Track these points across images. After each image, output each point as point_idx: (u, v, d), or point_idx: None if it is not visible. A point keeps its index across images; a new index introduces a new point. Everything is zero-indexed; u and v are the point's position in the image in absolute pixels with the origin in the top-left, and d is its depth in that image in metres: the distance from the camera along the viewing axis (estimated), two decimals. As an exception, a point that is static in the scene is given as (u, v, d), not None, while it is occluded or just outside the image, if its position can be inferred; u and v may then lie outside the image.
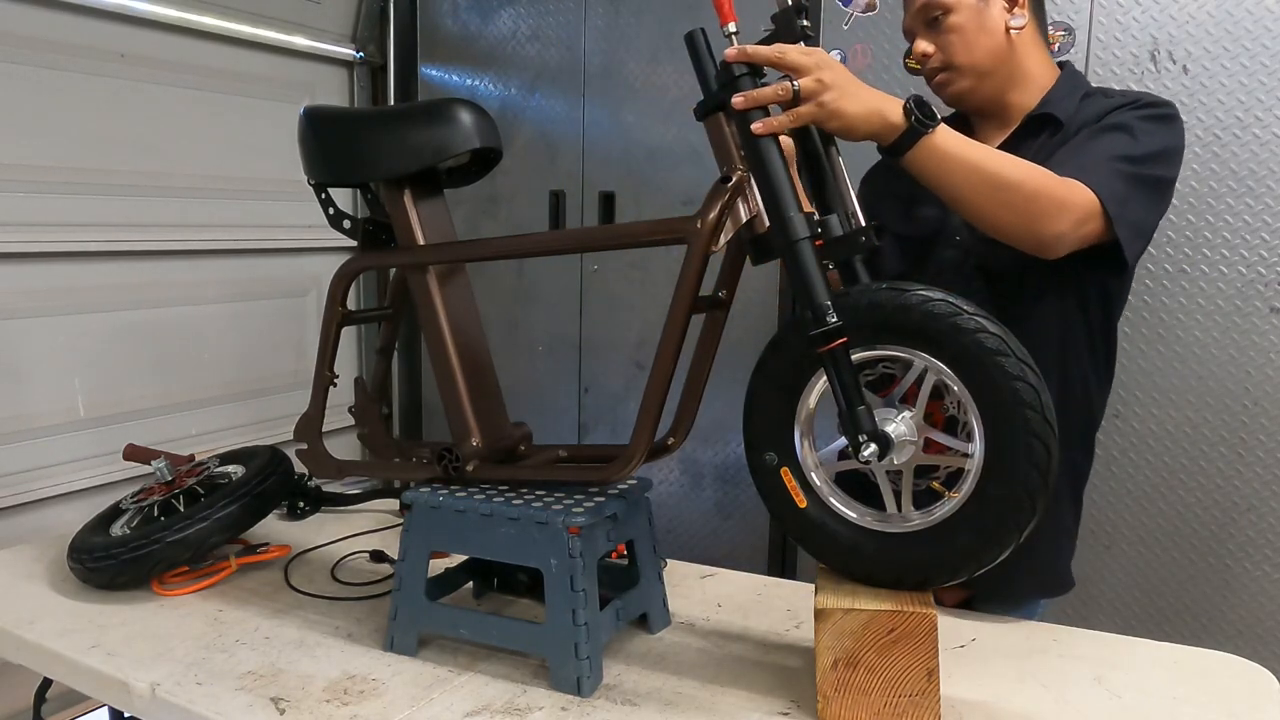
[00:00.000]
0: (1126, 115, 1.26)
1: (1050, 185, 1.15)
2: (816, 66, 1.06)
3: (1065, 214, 1.15)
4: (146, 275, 2.15)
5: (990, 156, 1.14)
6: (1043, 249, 1.17)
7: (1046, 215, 1.14)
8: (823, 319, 0.99)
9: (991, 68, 1.32)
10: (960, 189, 1.14)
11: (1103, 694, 1.10)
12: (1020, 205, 1.13)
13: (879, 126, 1.09)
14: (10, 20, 1.85)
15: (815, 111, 1.06)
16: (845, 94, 1.07)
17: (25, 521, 1.93)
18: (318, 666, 1.20)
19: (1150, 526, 1.97)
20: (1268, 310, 1.84)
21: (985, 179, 1.13)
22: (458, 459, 1.27)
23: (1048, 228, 1.15)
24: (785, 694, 1.11)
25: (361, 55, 2.70)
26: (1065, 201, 1.15)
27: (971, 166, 1.13)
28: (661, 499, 2.45)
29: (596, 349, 2.54)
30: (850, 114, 1.07)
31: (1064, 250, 1.18)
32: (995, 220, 1.16)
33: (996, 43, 1.32)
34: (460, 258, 1.33)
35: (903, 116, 1.09)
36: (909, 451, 1.02)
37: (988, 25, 1.31)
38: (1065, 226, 1.15)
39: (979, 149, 1.15)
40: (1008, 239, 1.17)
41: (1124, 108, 1.28)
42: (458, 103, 1.27)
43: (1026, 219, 1.14)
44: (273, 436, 2.26)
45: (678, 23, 2.27)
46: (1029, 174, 1.15)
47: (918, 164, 1.12)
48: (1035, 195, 1.14)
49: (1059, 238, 1.16)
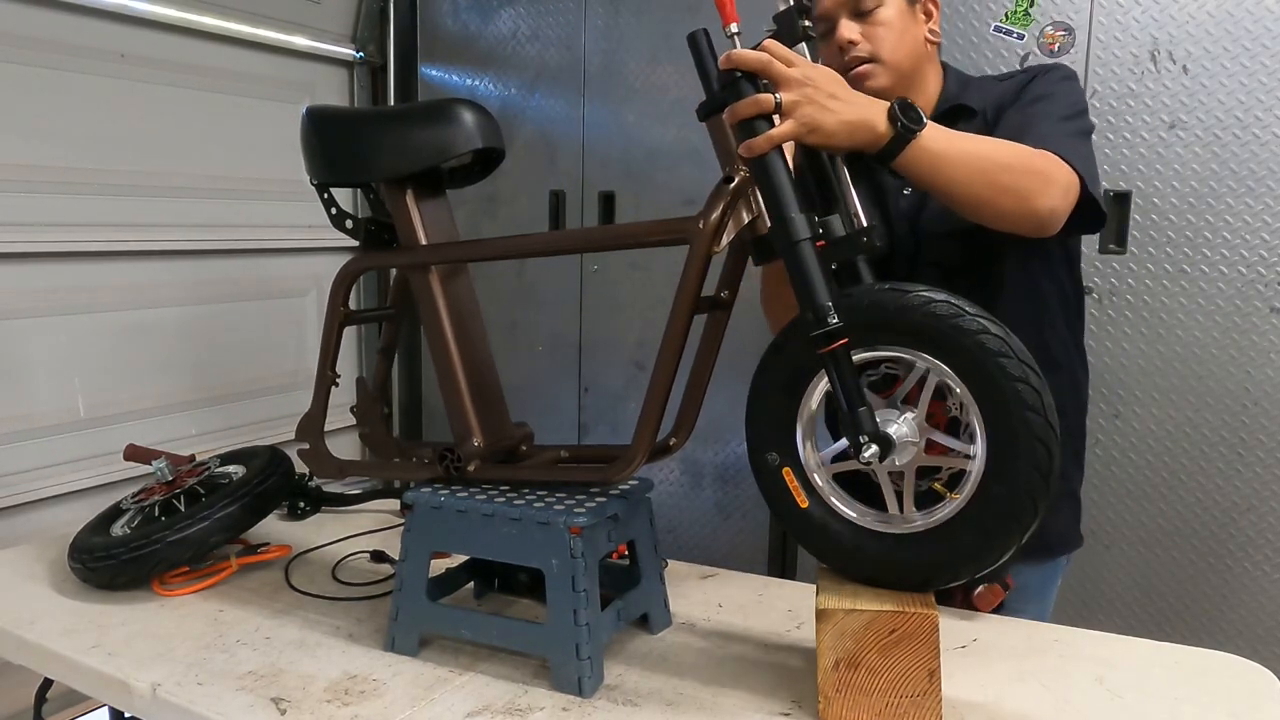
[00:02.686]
0: (1040, 85, 1.30)
1: (1035, 161, 1.15)
2: (798, 81, 1.04)
3: (1054, 186, 1.15)
4: (146, 275, 2.15)
5: (979, 144, 1.14)
6: (1041, 227, 1.17)
7: (1038, 192, 1.14)
8: (824, 320, 0.99)
9: (909, 69, 1.33)
10: (955, 183, 1.13)
11: (1103, 694, 1.10)
12: (1015, 186, 1.13)
13: (865, 138, 1.08)
14: (10, 20, 1.85)
15: (794, 129, 1.04)
16: (824, 109, 1.04)
17: (25, 521, 1.93)
18: (318, 667, 1.20)
19: (1150, 526, 1.97)
20: (1268, 310, 1.84)
21: (979, 168, 1.12)
22: (459, 459, 1.27)
23: (1043, 203, 1.15)
24: (786, 694, 1.11)
25: (361, 55, 2.70)
26: (1051, 175, 1.15)
27: (964, 158, 1.12)
28: (662, 499, 2.45)
29: (596, 349, 2.54)
30: (829, 129, 1.05)
31: (1059, 224, 1.18)
32: (994, 206, 1.15)
33: (917, 46, 1.33)
34: (461, 258, 1.33)
35: (888, 124, 1.08)
36: (910, 453, 1.02)
37: (911, 28, 1.32)
38: (1057, 199, 1.16)
39: (966, 139, 1.14)
40: (1007, 224, 1.17)
41: (1032, 80, 1.32)
42: (460, 103, 1.27)
43: (1022, 199, 1.14)
44: (273, 436, 2.25)
45: (678, 23, 2.27)
46: (1015, 153, 1.15)
47: (909, 166, 1.11)
48: (1026, 174, 1.14)
49: (1053, 212, 1.16)
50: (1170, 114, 1.87)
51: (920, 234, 1.34)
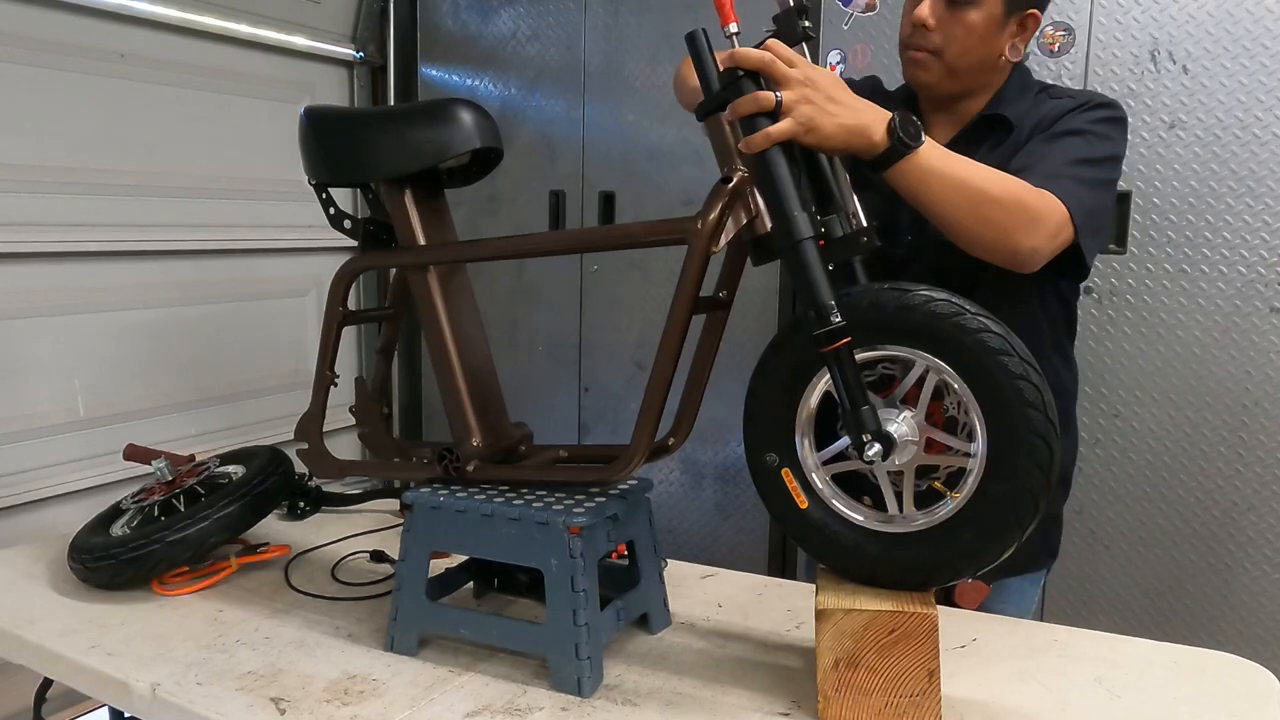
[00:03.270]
0: (1079, 119, 1.26)
1: (1027, 198, 1.13)
2: (799, 81, 1.04)
3: (1040, 227, 1.14)
4: (146, 275, 2.15)
5: (973, 171, 1.13)
6: (1018, 264, 1.16)
7: (1022, 229, 1.13)
8: (827, 319, 0.99)
9: (971, 77, 1.32)
10: (940, 204, 1.12)
11: (1103, 694, 1.10)
12: (999, 220, 1.12)
13: (861, 145, 1.08)
14: (10, 20, 1.85)
15: (792, 128, 1.03)
16: (822, 110, 1.04)
17: (25, 521, 1.93)
18: (318, 667, 1.20)
19: (1150, 526, 1.97)
20: (1268, 310, 1.84)
21: (967, 195, 1.11)
22: (458, 459, 1.27)
23: (1024, 241, 1.13)
24: (786, 694, 1.11)
25: (361, 55, 2.70)
26: (1040, 215, 1.14)
27: (954, 183, 1.11)
28: (661, 499, 2.45)
29: (596, 349, 2.55)
30: (825, 130, 1.05)
31: (1039, 263, 1.17)
32: (971, 235, 1.14)
33: (989, 58, 1.30)
34: (460, 258, 1.33)
35: (885, 136, 1.07)
36: (911, 452, 1.02)
37: (991, 38, 1.29)
38: (1041, 240, 1.14)
39: (961, 163, 1.13)
40: (984, 254, 1.16)
41: (1075, 110, 1.28)
42: (458, 103, 1.27)
43: (1003, 234, 1.13)
44: (273, 436, 2.25)
45: (678, 23, 2.28)
46: (1007, 188, 1.13)
47: (898, 179, 1.11)
48: (1014, 210, 1.12)
49: (1034, 251, 1.15)
50: (1170, 114, 1.87)
51: (919, 235, 1.33)
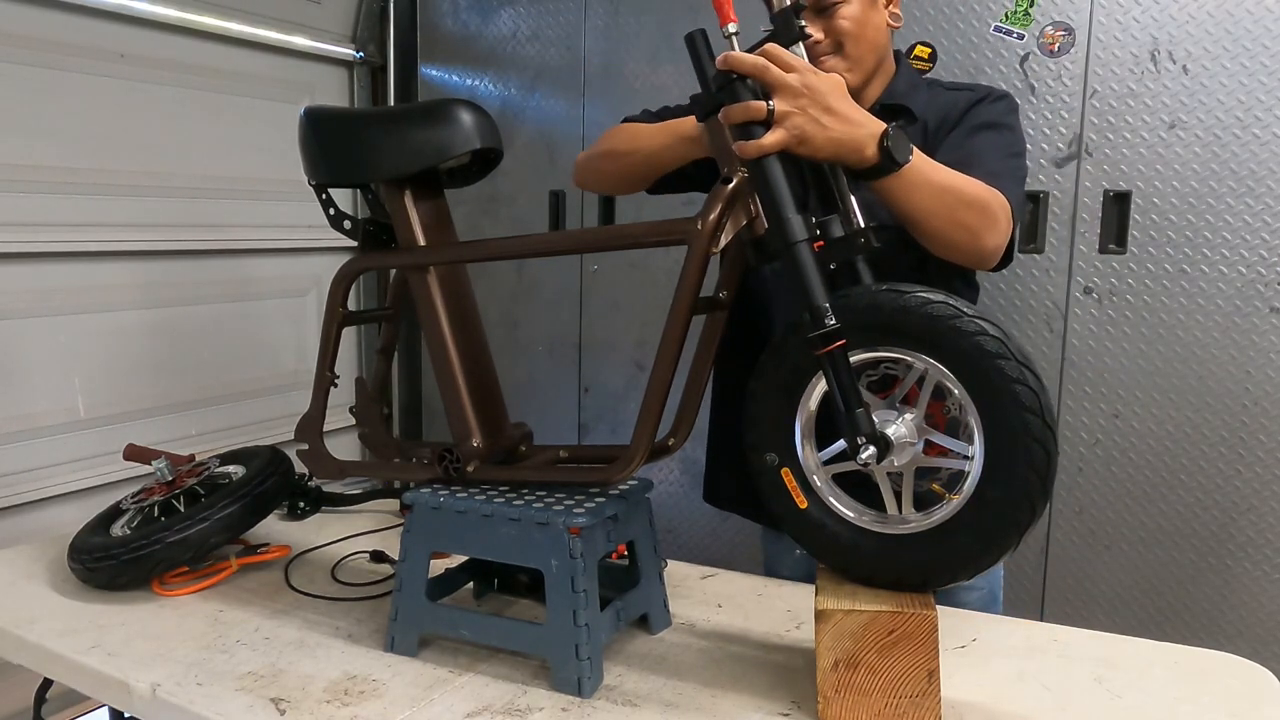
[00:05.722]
0: (988, 112, 1.30)
1: (988, 198, 1.15)
2: (794, 91, 1.03)
3: (1000, 226, 1.16)
4: (146, 275, 2.15)
5: (952, 179, 1.13)
6: (981, 262, 1.19)
7: (988, 230, 1.15)
8: (821, 321, 0.99)
9: (873, 63, 1.33)
10: (921, 213, 1.13)
11: (1103, 694, 1.10)
12: (970, 223, 1.14)
13: (851, 159, 1.07)
14: (10, 20, 1.85)
15: (784, 139, 1.03)
16: (815, 122, 1.03)
17: (25, 521, 1.93)
18: (318, 667, 1.20)
19: (1150, 526, 1.97)
20: (1268, 310, 1.84)
21: (946, 203, 1.12)
22: (458, 459, 1.27)
23: (990, 241, 1.16)
24: (786, 695, 1.11)
25: (361, 55, 2.70)
26: (998, 214, 1.16)
27: (936, 191, 1.12)
28: (661, 499, 2.45)
29: (596, 349, 2.55)
30: (816, 143, 1.04)
31: (997, 259, 1.20)
32: (946, 238, 1.15)
33: (880, 35, 1.32)
34: (460, 258, 1.33)
35: (877, 152, 1.06)
36: (909, 453, 1.02)
37: (874, 20, 1.31)
38: (1001, 238, 1.18)
39: (943, 172, 1.13)
40: (953, 255, 1.17)
41: (982, 103, 1.31)
42: (458, 103, 1.27)
43: (973, 236, 1.15)
44: (273, 436, 2.26)
45: (678, 23, 2.27)
46: (977, 192, 1.15)
47: (885, 189, 1.11)
48: (981, 212, 1.15)
49: (997, 249, 1.18)
50: (1170, 114, 1.87)
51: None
